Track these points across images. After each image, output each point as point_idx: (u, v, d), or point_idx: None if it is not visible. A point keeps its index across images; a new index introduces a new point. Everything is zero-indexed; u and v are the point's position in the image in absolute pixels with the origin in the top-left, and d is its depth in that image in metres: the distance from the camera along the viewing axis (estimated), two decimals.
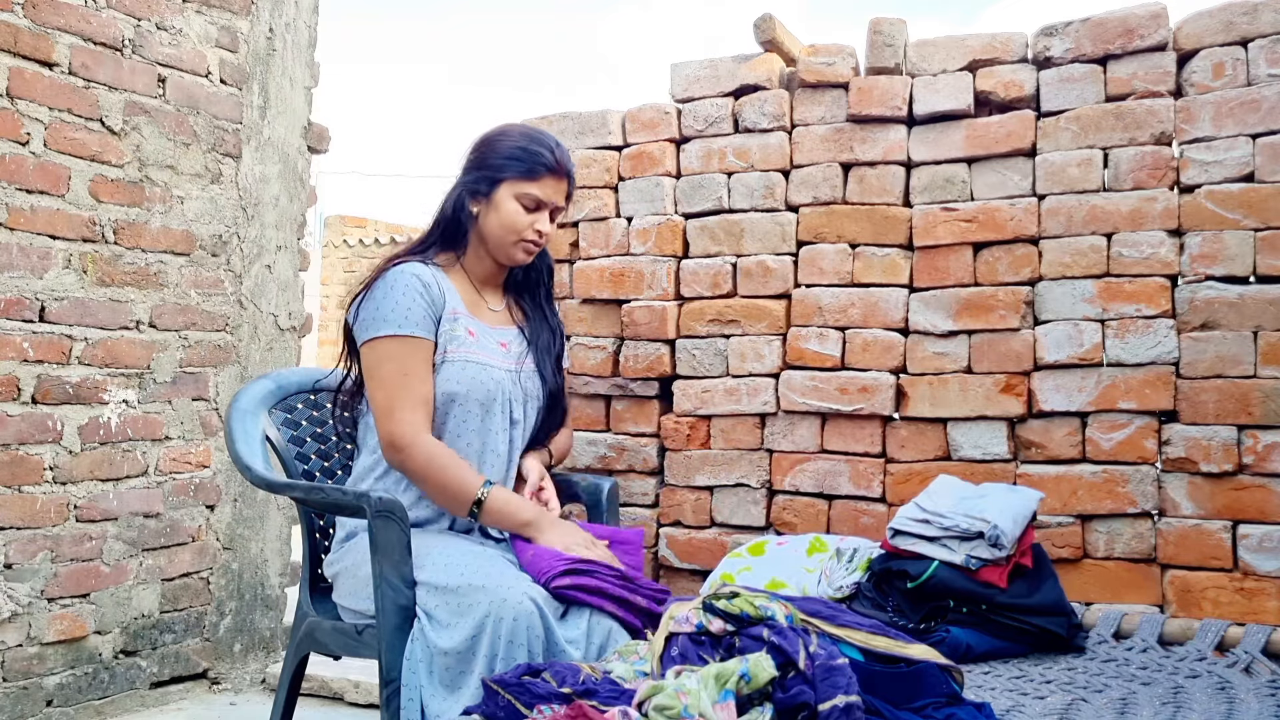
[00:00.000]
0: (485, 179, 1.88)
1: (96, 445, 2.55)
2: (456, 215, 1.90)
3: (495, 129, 1.93)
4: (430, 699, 1.54)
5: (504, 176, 1.86)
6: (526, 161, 1.85)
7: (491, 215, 1.87)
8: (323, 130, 3.20)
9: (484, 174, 1.88)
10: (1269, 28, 2.09)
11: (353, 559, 1.80)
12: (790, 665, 1.16)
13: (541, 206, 1.87)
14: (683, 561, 2.50)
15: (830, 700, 1.09)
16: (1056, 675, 1.59)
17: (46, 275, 2.44)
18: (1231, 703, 1.42)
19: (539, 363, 1.93)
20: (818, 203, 2.45)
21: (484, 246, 1.91)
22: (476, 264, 1.94)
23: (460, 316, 1.85)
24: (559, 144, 1.90)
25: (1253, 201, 2.07)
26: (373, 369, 1.80)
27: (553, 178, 1.87)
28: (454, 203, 1.91)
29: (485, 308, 1.93)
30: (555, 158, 1.87)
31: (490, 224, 1.88)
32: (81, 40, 2.50)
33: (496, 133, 1.92)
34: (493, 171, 1.87)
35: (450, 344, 1.82)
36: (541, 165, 1.85)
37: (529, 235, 1.87)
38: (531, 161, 1.85)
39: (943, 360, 2.31)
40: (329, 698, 2.78)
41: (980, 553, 1.74)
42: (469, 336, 1.84)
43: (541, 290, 2.02)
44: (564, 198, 1.91)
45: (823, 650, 1.19)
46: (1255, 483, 2.03)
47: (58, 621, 2.46)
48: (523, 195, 1.85)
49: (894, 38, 2.40)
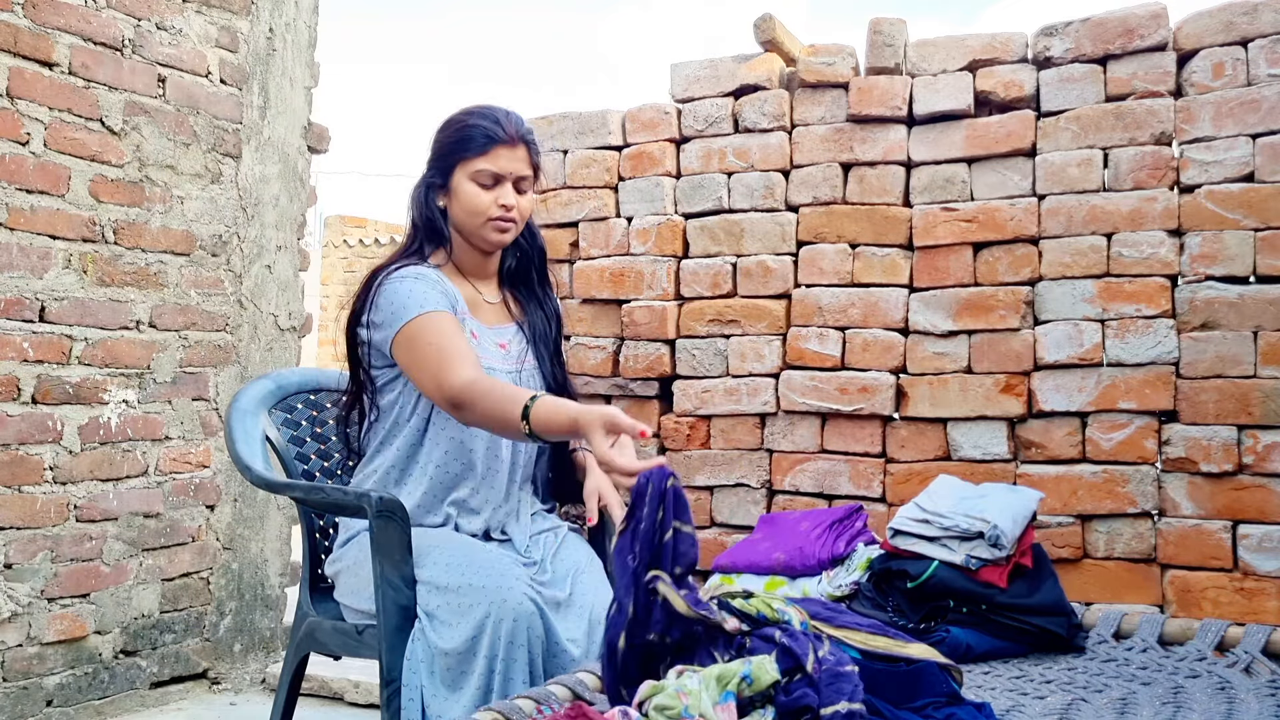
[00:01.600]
0: (440, 169, 1.82)
1: (96, 445, 2.55)
2: (427, 214, 1.85)
3: (444, 119, 1.86)
4: (431, 699, 1.54)
5: (456, 161, 1.79)
6: (473, 139, 1.78)
7: (455, 204, 1.81)
8: (323, 130, 3.20)
9: (438, 165, 1.83)
10: (1269, 28, 2.09)
11: (354, 558, 1.79)
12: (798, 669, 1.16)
13: (500, 180, 1.78)
14: None
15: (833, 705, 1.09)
16: (1056, 675, 1.59)
17: (46, 275, 2.44)
18: (1231, 703, 1.42)
19: (538, 358, 1.89)
20: (818, 203, 2.45)
21: (463, 237, 1.85)
22: (464, 257, 1.87)
23: (465, 319, 1.81)
24: (508, 113, 1.82)
25: (1253, 201, 2.07)
26: (408, 354, 1.71)
27: (504, 147, 1.78)
28: (421, 203, 1.85)
29: (482, 302, 1.89)
30: (503, 127, 1.78)
31: (456, 212, 1.81)
32: (81, 40, 2.50)
33: (444, 122, 1.86)
34: (445, 159, 1.81)
35: None
36: (488, 138, 1.77)
37: (494, 213, 1.78)
38: (478, 136, 1.78)
39: (943, 360, 2.31)
40: (329, 698, 2.78)
41: (980, 553, 1.74)
42: (472, 339, 1.81)
43: (534, 275, 1.93)
44: (526, 165, 1.81)
45: (832, 656, 1.19)
46: (1255, 483, 2.03)
47: (58, 621, 2.46)
48: (477, 174, 1.77)
49: (894, 38, 2.40)
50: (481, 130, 1.78)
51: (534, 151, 1.83)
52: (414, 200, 1.87)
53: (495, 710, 1.23)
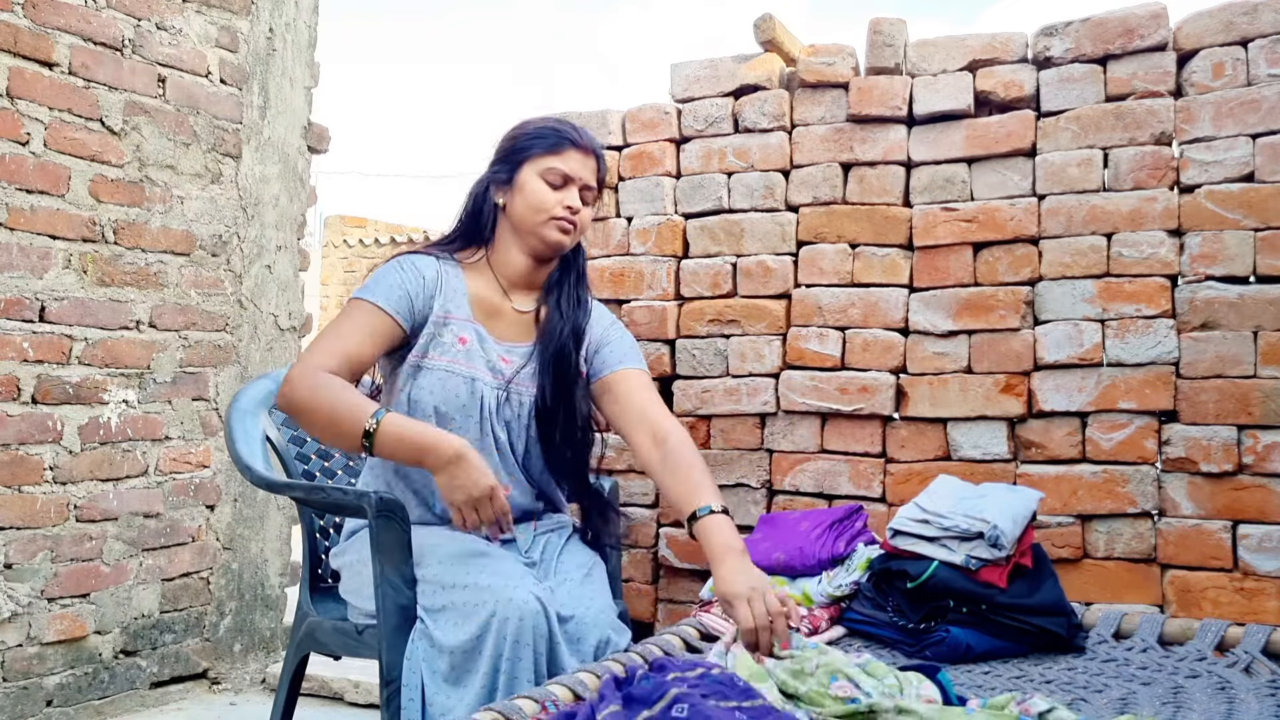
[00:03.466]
0: (508, 165, 1.82)
1: (96, 445, 2.55)
2: (479, 208, 1.83)
3: (518, 120, 1.87)
4: (434, 695, 1.54)
5: (526, 156, 1.79)
6: (549, 138, 1.79)
7: (518, 198, 1.79)
8: (323, 130, 3.20)
9: (507, 161, 1.82)
10: (1269, 28, 2.09)
11: (357, 554, 1.79)
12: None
13: (569, 182, 1.78)
14: (682, 561, 2.50)
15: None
16: (1056, 675, 1.59)
17: (46, 275, 2.44)
18: (1231, 703, 1.42)
19: (540, 374, 1.80)
20: (818, 203, 2.45)
21: (516, 238, 1.81)
22: (506, 260, 1.83)
23: (454, 323, 1.76)
24: (583, 127, 1.85)
25: (1253, 201, 2.07)
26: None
27: (577, 151, 1.79)
28: (479, 195, 1.84)
29: (509, 310, 1.83)
30: (579, 133, 1.81)
31: (517, 208, 1.79)
32: (81, 40, 2.50)
33: (518, 123, 1.86)
34: (515, 154, 1.81)
35: (433, 348, 1.75)
36: (564, 139, 1.79)
37: (558, 212, 1.76)
38: (554, 136, 1.79)
39: (943, 360, 2.31)
40: (329, 698, 2.78)
41: (980, 553, 1.74)
42: (458, 345, 1.76)
43: (568, 280, 1.87)
44: (593, 175, 1.82)
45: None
46: (1255, 483, 2.03)
47: (58, 621, 2.46)
48: (547, 171, 1.77)
49: (894, 38, 2.40)
50: (559, 132, 1.80)
51: (603, 167, 1.85)
52: (471, 193, 1.86)
53: (495, 710, 1.23)
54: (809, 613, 1.82)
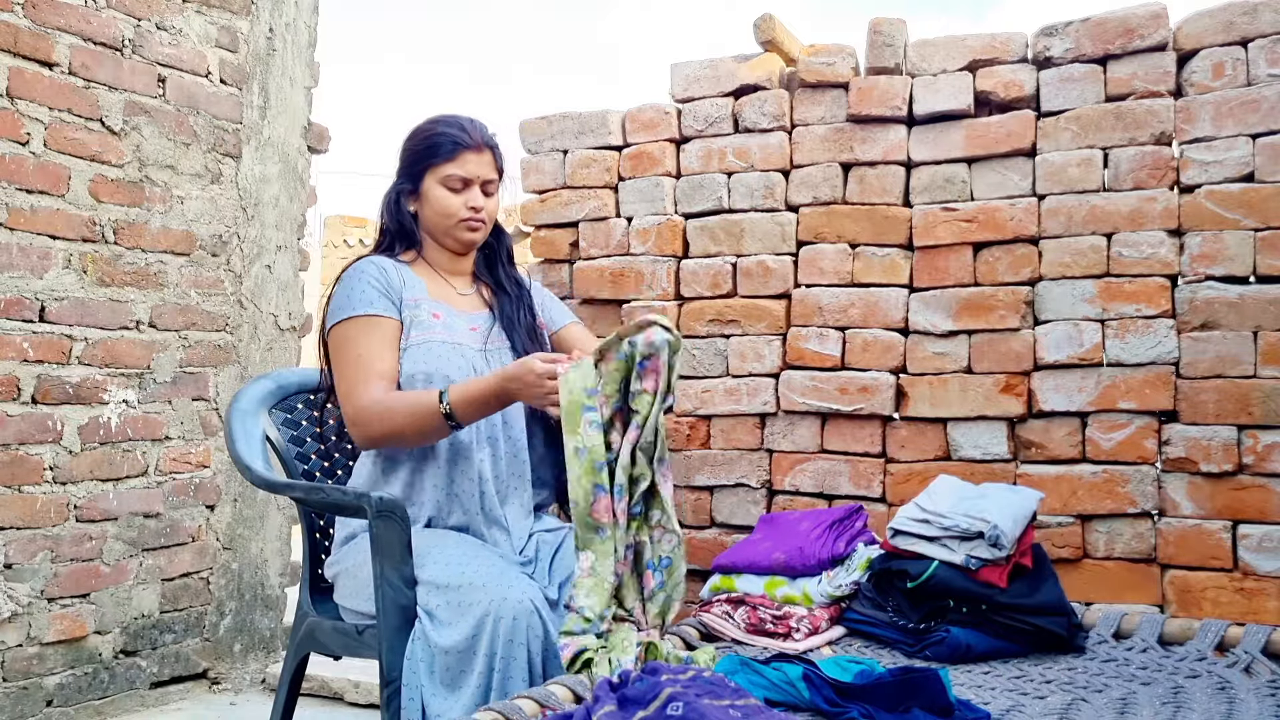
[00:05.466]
0: (410, 175, 1.93)
1: (96, 445, 2.55)
2: (398, 219, 1.94)
3: (412, 129, 1.96)
4: (431, 698, 1.54)
5: (426, 167, 1.90)
6: (441, 145, 1.88)
7: (426, 208, 1.92)
8: (323, 130, 3.20)
9: (408, 172, 1.93)
10: (1269, 28, 2.09)
11: (353, 560, 1.80)
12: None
13: (469, 184, 1.89)
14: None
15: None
16: (1056, 675, 1.59)
17: (46, 275, 2.44)
18: (1231, 703, 1.42)
19: (510, 335, 1.94)
20: (818, 203, 2.45)
21: (434, 239, 1.95)
22: (436, 256, 1.96)
23: (423, 302, 1.87)
24: (472, 120, 1.93)
25: (1253, 201, 2.07)
26: (335, 357, 1.83)
27: (471, 153, 1.89)
28: (392, 208, 1.95)
29: (455, 294, 1.95)
30: (469, 134, 1.89)
31: (427, 216, 1.92)
32: (81, 40, 2.50)
33: (411, 131, 1.95)
34: (414, 165, 1.92)
35: (414, 328, 1.83)
36: (456, 144, 1.88)
37: (464, 214, 1.89)
38: (446, 143, 1.88)
39: (943, 360, 2.31)
40: (329, 698, 2.78)
41: (980, 553, 1.74)
42: (433, 319, 1.86)
43: (501, 269, 2.03)
44: (492, 169, 1.92)
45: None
46: (1255, 483, 2.03)
47: (58, 621, 2.46)
48: (447, 178, 1.88)
49: (894, 38, 2.40)
50: (449, 137, 1.89)
51: (499, 156, 1.95)
52: (385, 206, 1.97)
53: (495, 710, 1.23)
54: (809, 613, 1.82)
